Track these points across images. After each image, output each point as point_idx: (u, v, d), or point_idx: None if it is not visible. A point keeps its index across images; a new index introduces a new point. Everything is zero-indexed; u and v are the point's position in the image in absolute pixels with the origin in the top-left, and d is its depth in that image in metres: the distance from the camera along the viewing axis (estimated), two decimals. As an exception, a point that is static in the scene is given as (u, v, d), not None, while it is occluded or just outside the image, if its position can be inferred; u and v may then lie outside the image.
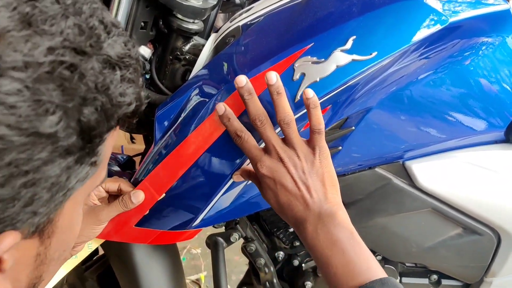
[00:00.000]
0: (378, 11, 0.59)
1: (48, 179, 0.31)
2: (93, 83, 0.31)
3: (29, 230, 0.33)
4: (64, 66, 0.30)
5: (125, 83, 0.34)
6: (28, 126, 0.28)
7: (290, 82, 0.58)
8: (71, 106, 0.30)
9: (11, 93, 0.27)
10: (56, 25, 0.30)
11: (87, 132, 0.32)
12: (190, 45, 0.79)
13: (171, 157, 0.65)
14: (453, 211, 0.72)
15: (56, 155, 0.30)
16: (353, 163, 0.71)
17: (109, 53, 0.33)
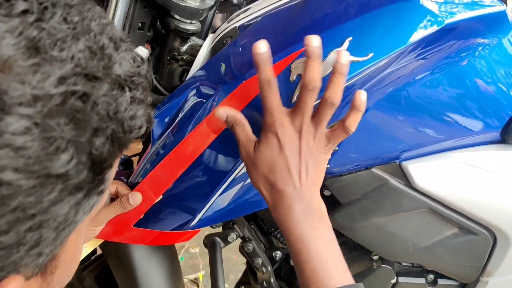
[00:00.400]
0: (375, 12, 0.59)
1: (56, 219, 0.29)
2: (105, 111, 0.29)
3: (33, 272, 0.31)
4: (76, 96, 0.27)
5: (135, 104, 0.31)
6: (38, 168, 0.25)
7: (287, 83, 0.59)
8: (83, 140, 0.27)
9: (18, 133, 0.24)
10: (66, 49, 0.27)
11: (98, 165, 0.29)
12: (188, 46, 0.79)
13: (169, 158, 0.65)
14: (449, 211, 0.73)
15: (66, 194, 0.28)
16: (350, 163, 0.72)
17: (118, 72, 0.30)
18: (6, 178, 0.24)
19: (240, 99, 0.61)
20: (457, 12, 0.63)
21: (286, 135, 0.53)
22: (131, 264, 0.89)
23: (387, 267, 0.83)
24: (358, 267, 0.85)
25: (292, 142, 0.53)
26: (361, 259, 0.85)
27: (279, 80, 0.59)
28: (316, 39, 0.52)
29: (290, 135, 0.53)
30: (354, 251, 0.87)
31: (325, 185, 0.76)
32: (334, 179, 0.73)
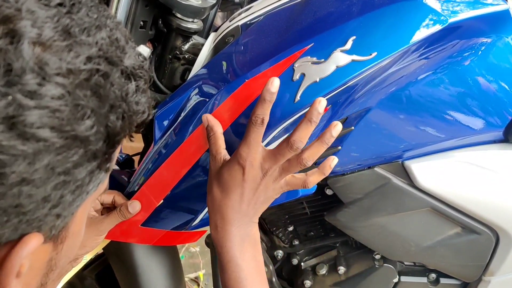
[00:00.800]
0: (378, 11, 0.59)
1: (75, 182, 0.33)
2: (119, 91, 0.34)
3: (50, 234, 0.34)
4: (99, 74, 0.32)
5: (139, 93, 0.36)
6: (68, 129, 0.30)
7: (290, 83, 0.58)
8: (102, 112, 0.32)
9: (56, 98, 0.29)
10: (92, 36, 0.33)
11: (112, 138, 0.34)
12: (190, 44, 0.79)
13: (172, 159, 0.65)
14: (452, 210, 0.72)
15: (85, 159, 0.32)
16: (353, 163, 0.71)
17: (127, 64, 0.35)
18: (44, 135, 0.29)
19: (243, 98, 0.60)
20: (460, 11, 0.63)
21: (251, 173, 0.57)
22: (132, 263, 0.88)
23: (389, 266, 0.83)
24: (360, 266, 0.85)
25: (254, 180, 0.57)
26: (363, 258, 0.85)
27: (281, 79, 0.59)
28: (323, 104, 0.54)
29: (255, 174, 0.57)
30: (356, 250, 0.87)
31: (327, 184, 0.76)
32: (336, 179, 0.73)
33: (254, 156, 0.56)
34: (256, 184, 0.57)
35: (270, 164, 0.56)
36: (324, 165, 0.58)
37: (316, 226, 0.88)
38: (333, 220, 0.78)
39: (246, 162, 0.56)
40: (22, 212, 0.30)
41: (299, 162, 0.56)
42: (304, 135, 0.54)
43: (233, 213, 0.57)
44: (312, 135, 0.57)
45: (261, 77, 0.59)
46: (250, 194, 0.57)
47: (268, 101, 0.54)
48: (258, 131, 0.55)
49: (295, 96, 0.58)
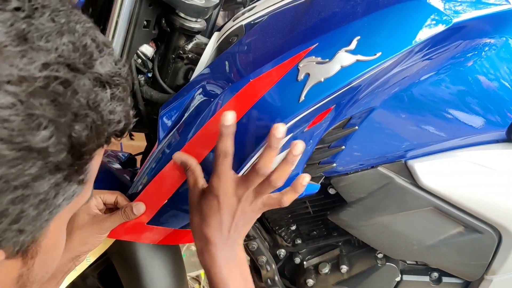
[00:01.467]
0: (383, 11, 0.59)
1: (37, 196, 0.31)
2: (85, 100, 0.32)
3: (13, 250, 0.32)
4: (58, 82, 0.30)
5: (115, 101, 0.34)
6: (20, 140, 0.28)
7: (295, 82, 0.58)
8: (63, 122, 0.30)
9: (4, 107, 0.27)
10: (51, 41, 0.31)
11: (77, 149, 0.32)
12: (193, 44, 0.79)
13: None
14: (454, 209, 0.73)
15: (46, 171, 0.30)
16: (356, 162, 0.72)
17: (100, 71, 0.33)
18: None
19: (247, 98, 0.60)
20: (464, 11, 0.63)
21: (226, 201, 0.59)
22: (135, 262, 0.89)
23: (391, 265, 0.83)
24: (363, 265, 0.85)
25: (230, 206, 0.59)
26: (365, 257, 0.86)
27: (286, 80, 0.59)
28: (281, 130, 0.56)
29: (230, 201, 0.59)
30: (358, 249, 0.87)
31: (330, 184, 0.76)
32: (340, 178, 0.73)
33: (226, 186, 0.59)
34: (233, 210, 0.59)
35: (243, 190, 0.59)
36: (296, 184, 0.60)
37: (319, 225, 0.89)
38: (336, 219, 0.78)
39: (220, 192, 0.59)
40: None
41: (269, 185, 0.58)
42: (268, 161, 0.57)
43: (215, 239, 0.60)
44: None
45: (265, 77, 0.60)
46: (229, 220, 0.60)
47: (226, 135, 0.57)
48: (225, 163, 0.58)
49: (300, 96, 0.58)
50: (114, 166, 1.06)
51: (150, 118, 0.83)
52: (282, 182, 0.58)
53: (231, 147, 0.57)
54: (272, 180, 0.57)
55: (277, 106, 0.59)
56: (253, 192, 0.59)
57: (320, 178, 0.73)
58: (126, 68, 0.36)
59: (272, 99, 0.59)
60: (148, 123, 0.82)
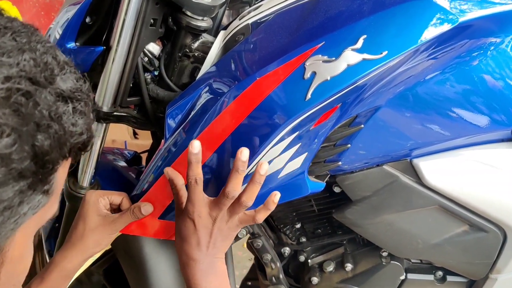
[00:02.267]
0: (389, 10, 0.59)
1: (1, 203, 0.31)
2: (47, 111, 0.33)
3: None
4: (20, 93, 0.31)
5: (77, 114, 0.36)
6: None
7: (301, 81, 0.59)
8: (25, 130, 0.31)
9: None
10: (13, 57, 0.32)
11: (40, 157, 0.33)
12: (199, 43, 0.80)
13: (184, 156, 0.65)
14: (459, 208, 0.73)
15: (10, 177, 0.31)
16: (361, 161, 0.72)
17: (62, 87, 0.35)
18: None
19: (254, 97, 0.61)
20: (470, 10, 0.63)
21: (201, 223, 0.63)
22: (140, 259, 0.89)
23: (396, 264, 0.84)
24: (367, 263, 0.85)
25: (206, 228, 0.64)
26: (370, 255, 0.86)
27: (293, 78, 0.59)
28: (246, 153, 0.60)
29: (205, 222, 0.64)
30: (363, 247, 0.87)
31: (335, 182, 0.76)
32: (345, 176, 0.73)
33: (200, 209, 0.63)
34: (209, 230, 0.64)
35: (217, 212, 0.63)
36: (268, 201, 0.64)
37: (323, 224, 0.89)
38: (341, 217, 0.78)
39: (194, 215, 0.63)
40: None
41: (241, 205, 0.62)
42: (236, 185, 0.61)
43: (194, 255, 0.64)
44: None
45: (272, 75, 0.60)
46: (206, 239, 0.64)
47: (195, 162, 0.61)
48: (197, 189, 0.62)
49: (306, 94, 0.58)
50: (120, 164, 1.07)
51: (156, 116, 0.83)
52: (252, 201, 0.62)
53: (201, 173, 0.62)
54: (243, 201, 0.62)
55: (284, 104, 0.59)
56: (227, 212, 0.63)
57: (325, 176, 0.73)
58: (87, 85, 0.38)
59: (279, 98, 0.60)
60: (154, 121, 0.83)
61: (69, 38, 0.76)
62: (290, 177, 0.68)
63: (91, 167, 0.88)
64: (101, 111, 0.79)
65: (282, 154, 0.65)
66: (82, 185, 0.88)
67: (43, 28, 1.86)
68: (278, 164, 0.66)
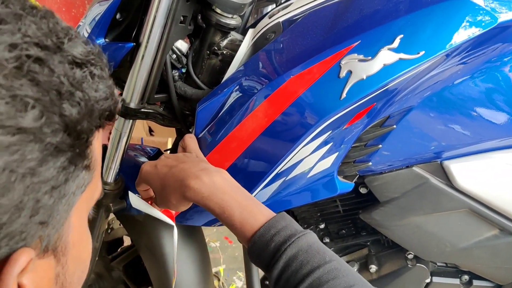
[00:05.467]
0: (426, 9, 0.59)
1: (47, 182, 0.30)
2: (65, 78, 0.31)
3: (42, 246, 0.32)
4: (31, 60, 0.29)
5: (96, 79, 0.33)
6: (11, 124, 0.27)
7: (336, 80, 0.58)
8: (48, 100, 0.29)
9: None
10: (12, 24, 0.30)
11: (72, 127, 0.31)
12: (228, 40, 0.79)
13: (214, 153, 0.65)
14: (490, 212, 0.72)
15: (48, 153, 0.29)
16: (391, 162, 0.71)
17: (73, 52, 0.32)
18: None
19: (288, 95, 0.61)
20: (508, 10, 0.62)
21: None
22: (163, 256, 0.89)
23: (422, 266, 0.83)
24: (393, 265, 0.85)
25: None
26: (395, 257, 0.85)
27: (327, 77, 0.59)
28: None
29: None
30: (387, 249, 0.87)
31: (362, 183, 0.76)
32: (374, 177, 0.73)
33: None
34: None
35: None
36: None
37: (348, 224, 0.88)
38: (368, 218, 0.78)
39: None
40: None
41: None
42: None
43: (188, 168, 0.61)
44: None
45: (306, 74, 0.60)
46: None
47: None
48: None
49: (341, 93, 0.58)
50: (142, 160, 1.07)
51: (183, 113, 0.83)
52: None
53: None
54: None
55: (318, 103, 0.59)
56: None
57: (354, 176, 0.72)
58: (97, 47, 0.35)
59: (313, 96, 0.59)
60: (181, 119, 0.83)
61: (99, 34, 0.77)
62: (320, 176, 0.68)
63: (116, 163, 0.88)
64: (128, 108, 0.79)
65: (313, 153, 0.64)
66: (106, 180, 0.88)
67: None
68: (309, 164, 0.65)
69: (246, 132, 0.64)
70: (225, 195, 0.57)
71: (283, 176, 0.66)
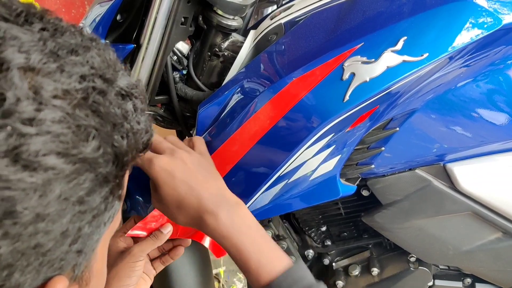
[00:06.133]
0: (430, 11, 0.58)
1: (92, 211, 0.31)
2: (119, 110, 0.32)
3: (73, 275, 0.32)
4: (96, 92, 0.31)
5: (139, 111, 0.35)
6: (75, 153, 0.28)
7: (339, 82, 0.58)
8: (105, 131, 0.31)
9: (56, 121, 0.28)
10: (81, 55, 0.31)
11: (120, 159, 0.32)
12: (229, 42, 0.79)
13: (216, 156, 0.64)
14: (493, 215, 0.71)
15: (97, 183, 0.30)
16: (394, 164, 0.71)
17: (121, 84, 0.33)
18: (51, 162, 0.27)
19: (290, 97, 0.60)
20: (510, 13, 0.62)
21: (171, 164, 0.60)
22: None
23: (424, 269, 0.82)
24: (395, 268, 0.84)
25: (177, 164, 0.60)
26: (397, 260, 0.85)
27: (330, 79, 0.58)
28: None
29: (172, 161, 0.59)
30: (389, 252, 0.86)
31: (364, 185, 0.75)
32: (376, 180, 0.72)
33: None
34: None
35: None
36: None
37: (349, 227, 0.88)
38: (370, 221, 0.77)
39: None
40: (42, 253, 0.28)
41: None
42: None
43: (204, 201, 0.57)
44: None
45: (309, 76, 0.59)
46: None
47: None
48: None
49: (345, 96, 0.57)
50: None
51: (184, 115, 0.83)
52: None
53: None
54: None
55: (321, 105, 0.59)
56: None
57: (356, 179, 0.72)
58: (140, 81, 0.37)
59: (315, 98, 0.59)
60: (182, 121, 0.82)
61: (99, 36, 0.76)
62: (322, 179, 0.67)
63: (117, 165, 0.88)
64: (129, 109, 0.79)
65: (315, 156, 0.64)
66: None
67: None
68: (311, 166, 0.65)
69: (247, 134, 0.63)
70: (242, 237, 0.54)
71: (285, 178, 0.66)
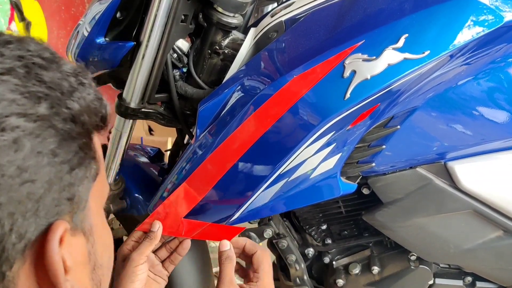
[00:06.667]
0: (431, 9, 0.58)
1: (67, 163, 0.35)
2: (65, 82, 0.37)
3: (72, 221, 0.36)
4: (37, 66, 0.36)
5: (86, 85, 0.39)
6: (32, 112, 0.34)
7: (340, 79, 0.57)
8: (55, 96, 0.36)
9: (8, 91, 0.33)
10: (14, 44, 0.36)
11: (77, 118, 0.37)
12: (229, 40, 0.78)
13: (216, 154, 0.64)
14: (495, 213, 0.71)
15: (62, 138, 0.35)
16: (394, 162, 0.71)
17: (65, 68, 0.38)
18: (15, 122, 0.33)
19: (291, 95, 0.60)
20: (510, 10, 0.61)
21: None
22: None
23: (425, 268, 0.82)
24: (395, 266, 0.84)
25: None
26: (398, 258, 0.84)
27: (331, 76, 0.58)
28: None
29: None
30: (390, 250, 0.86)
31: (364, 184, 0.75)
32: (377, 178, 0.72)
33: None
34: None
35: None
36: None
37: (350, 225, 0.88)
38: (371, 219, 0.77)
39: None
40: (35, 200, 0.33)
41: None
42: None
43: None
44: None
45: (309, 74, 0.59)
46: None
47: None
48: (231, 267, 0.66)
49: (345, 93, 0.57)
50: (142, 160, 1.07)
51: (184, 113, 0.82)
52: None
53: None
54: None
55: (321, 103, 0.58)
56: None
57: (357, 177, 0.72)
58: (81, 65, 0.42)
59: (316, 96, 0.58)
60: (181, 118, 0.82)
61: (99, 33, 0.76)
62: (323, 177, 0.67)
63: (116, 163, 0.87)
64: (129, 108, 0.78)
65: (316, 154, 0.63)
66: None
67: (63, 23, 1.84)
68: (311, 164, 0.65)
69: (248, 132, 0.63)
70: None
71: (286, 176, 0.66)
